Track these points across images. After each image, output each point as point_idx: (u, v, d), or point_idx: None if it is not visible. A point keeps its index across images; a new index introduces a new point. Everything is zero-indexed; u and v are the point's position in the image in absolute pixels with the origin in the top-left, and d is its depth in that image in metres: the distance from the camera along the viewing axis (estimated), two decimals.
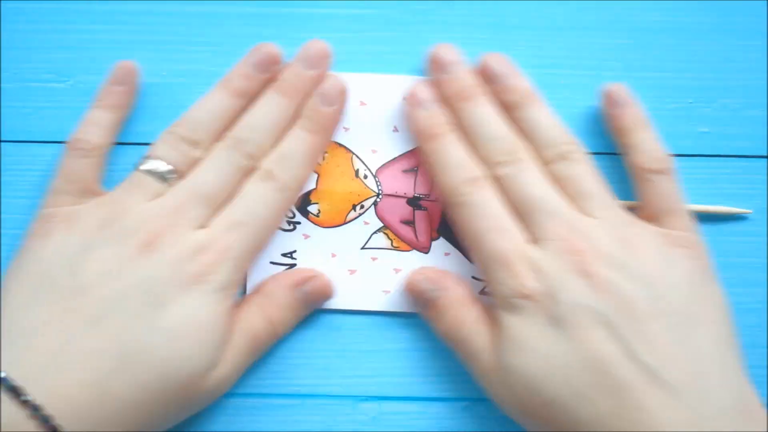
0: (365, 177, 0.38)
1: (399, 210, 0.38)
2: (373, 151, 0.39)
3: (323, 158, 0.38)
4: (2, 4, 0.39)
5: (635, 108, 0.37)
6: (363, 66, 0.39)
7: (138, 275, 0.33)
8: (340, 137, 0.38)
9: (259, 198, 0.35)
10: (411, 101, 0.37)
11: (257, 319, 0.36)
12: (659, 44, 0.40)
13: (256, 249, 0.36)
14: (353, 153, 0.38)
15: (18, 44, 0.39)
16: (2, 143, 0.39)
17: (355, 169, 0.38)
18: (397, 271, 0.38)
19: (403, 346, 0.38)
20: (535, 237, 0.34)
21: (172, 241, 0.33)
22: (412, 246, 0.38)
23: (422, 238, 0.38)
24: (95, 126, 0.36)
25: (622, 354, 0.31)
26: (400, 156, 0.39)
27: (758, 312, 0.39)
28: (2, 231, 0.38)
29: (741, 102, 0.39)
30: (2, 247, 0.38)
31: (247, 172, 0.36)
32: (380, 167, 0.39)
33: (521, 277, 0.33)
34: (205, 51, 0.39)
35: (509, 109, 0.37)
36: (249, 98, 0.37)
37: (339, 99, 0.37)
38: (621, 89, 0.37)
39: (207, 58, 0.39)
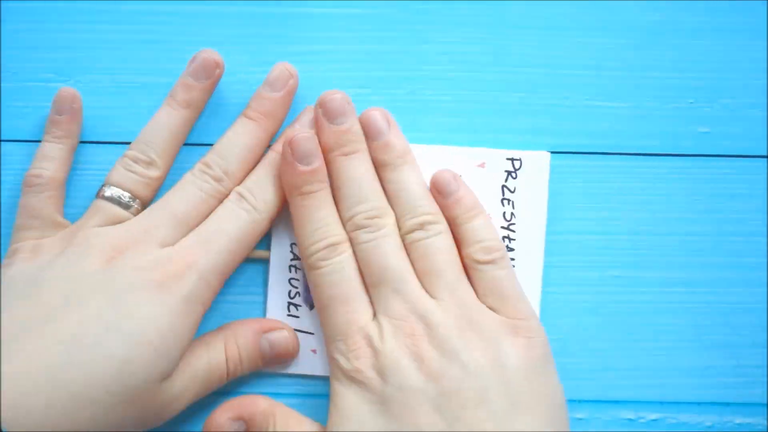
0: None
1: None
2: None
3: None
4: (2, 4, 0.39)
5: (462, 194, 0.37)
6: (362, 66, 0.39)
7: (99, 280, 0.33)
8: None
9: (227, 217, 0.36)
10: (291, 150, 0.36)
11: (216, 352, 0.36)
12: (659, 44, 0.40)
13: (224, 267, 0.36)
14: None
15: (18, 44, 0.39)
16: (2, 143, 0.39)
17: None
18: None
19: None
20: (379, 310, 0.35)
21: (135, 254, 0.34)
22: None
23: None
24: (47, 160, 0.37)
25: None
26: None
27: (758, 312, 0.39)
28: (2, 231, 0.38)
29: (741, 102, 0.39)
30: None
31: (221, 198, 0.36)
32: None
33: (357, 353, 0.34)
34: None
35: (381, 167, 0.37)
36: (196, 108, 0.37)
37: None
38: (448, 177, 0.37)
39: None
